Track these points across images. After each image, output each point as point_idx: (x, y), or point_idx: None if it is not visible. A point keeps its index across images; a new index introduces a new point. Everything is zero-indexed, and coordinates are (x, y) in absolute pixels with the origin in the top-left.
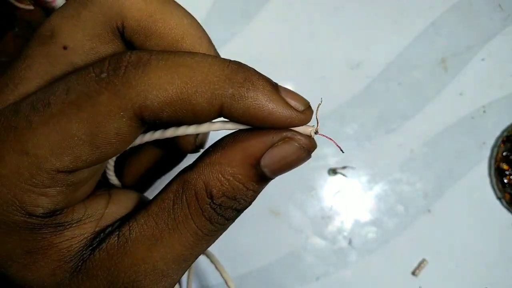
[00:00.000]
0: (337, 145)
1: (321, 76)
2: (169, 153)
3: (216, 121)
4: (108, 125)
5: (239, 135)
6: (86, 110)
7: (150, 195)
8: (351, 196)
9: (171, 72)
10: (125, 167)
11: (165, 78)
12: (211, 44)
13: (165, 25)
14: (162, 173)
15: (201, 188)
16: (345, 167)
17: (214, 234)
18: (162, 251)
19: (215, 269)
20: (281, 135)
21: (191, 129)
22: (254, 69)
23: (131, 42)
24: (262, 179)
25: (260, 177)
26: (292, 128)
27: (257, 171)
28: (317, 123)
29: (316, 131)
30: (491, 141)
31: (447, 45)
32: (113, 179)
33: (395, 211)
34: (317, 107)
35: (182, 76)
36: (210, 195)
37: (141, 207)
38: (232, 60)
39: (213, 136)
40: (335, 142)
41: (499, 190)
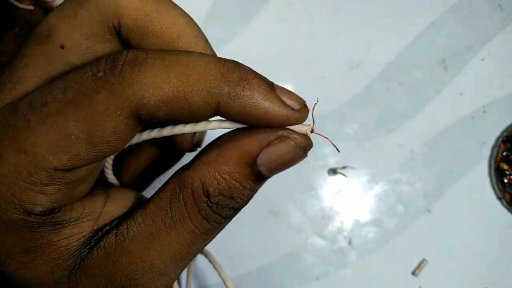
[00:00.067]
0: (333, 145)
1: (321, 76)
2: (166, 152)
3: (213, 120)
4: (105, 124)
5: (235, 134)
6: (83, 109)
7: (148, 194)
8: (351, 196)
9: (167, 71)
10: (123, 166)
11: (161, 77)
12: (207, 43)
13: (161, 24)
14: (160, 172)
15: (198, 186)
16: (345, 167)
17: (211, 232)
18: (159, 250)
19: (214, 268)
20: (277, 133)
21: (188, 128)
22: (250, 68)
23: (127, 41)
24: (259, 177)
25: (256, 175)
26: (288, 127)
27: (253, 169)
28: (313, 122)
29: (312, 129)
30: (491, 141)
31: (447, 45)
32: (111, 178)
33: (395, 211)
34: (313, 106)
35: (178, 74)
36: (207, 193)
37: (139, 205)
38: (228, 59)
39: (211, 135)
40: (331, 141)
41: (499, 190)
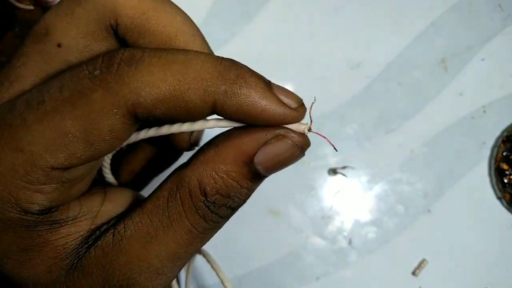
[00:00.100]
0: (331, 144)
1: (321, 76)
2: (164, 151)
3: (210, 118)
4: (101, 122)
5: (232, 133)
6: (79, 107)
7: (146, 193)
8: (351, 196)
9: (163, 69)
10: (122, 165)
11: (157, 75)
12: (204, 42)
13: (158, 23)
14: (158, 172)
15: (195, 185)
16: (345, 167)
17: (209, 232)
18: (156, 249)
19: (212, 268)
20: (274, 132)
21: (185, 127)
22: (247, 67)
23: (124, 40)
24: (256, 177)
25: (254, 174)
26: (286, 126)
27: (250, 168)
28: (310, 121)
29: (309, 128)
30: (491, 141)
31: (447, 45)
32: (109, 177)
33: (395, 211)
34: (311, 105)
35: (175, 73)
36: (204, 192)
37: (137, 205)
38: (225, 58)
39: (209, 134)
40: (329, 141)
41: (499, 190)
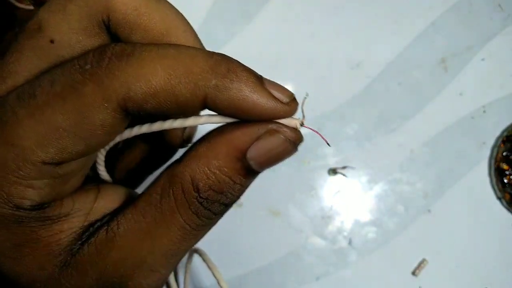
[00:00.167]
0: (323, 138)
1: (321, 76)
2: (158, 148)
3: (202, 114)
4: (92, 116)
5: (225, 128)
6: (70, 101)
7: (141, 191)
8: (351, 196)
9: (154, 63)
10: (116, 162)
11: (148, 69)
12: (196, 38)
13: (150, 19)
14: (153, 169)
15: (187, 181)
16: (345, 167)
17: (202, 229)
18: (150, 246)
19: (208, 268)
20: (266, 127)
21: (177, 123)
22: (238, 61)
23: (116, 35)
24: (249, 172)
25: (247, 170)
26: (278, 121)
27: (243, 164)
28: (303, 116)
29: (302, 123)
30: (491, 141)
31: (447, 45)
32: (103, 174)
33: (395, 211)
34: (303, 101)
35: (166, 67)
36: (197, 188)
37: (130, 202)
38: (216, 52)
39: (201, 131)
40: (321, 135)
41: (499, 190)
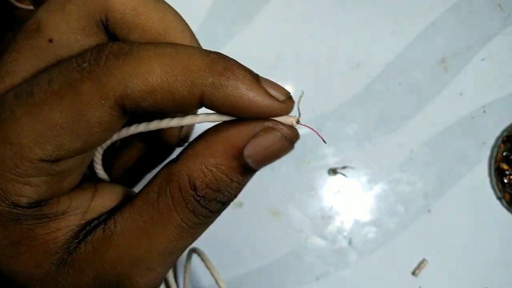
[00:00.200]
0: (318, 135)
1: (321, 76)
2: (156, 147)
3: (199, 113)
4: (89, 114)
5: (221, 127)
6: (68, 99)
7: (138, 190)
8: (351, 196)
9: (151, 62)
10: (114, 161)
11: (145, 67)
12: (194, 38)
13: (148, 19)
14: (150, 168)
15: (184, 180)
16: (345, 167)
17: (199, 227)
18: (147, 244)
19: (206, 267)
20: (263, 124)
21: (174, 122)
22: (235, 60)
23: (114, 35)
24: (246, 170)
25: (243, 168)
26: (274, 118)
27: (240, 161)
28: (299, 114)
29: (298, 120)
30: (491, 141)
31: (447, 45)
32: (101, 173)
33: (395, 211)
34: (299, 99)
35: (163, 65)
36: (194, 186)
37: (127, 200)
38: (213, 51)
39: (198, 130)
40: (316, 132)
41: (499, 190)
